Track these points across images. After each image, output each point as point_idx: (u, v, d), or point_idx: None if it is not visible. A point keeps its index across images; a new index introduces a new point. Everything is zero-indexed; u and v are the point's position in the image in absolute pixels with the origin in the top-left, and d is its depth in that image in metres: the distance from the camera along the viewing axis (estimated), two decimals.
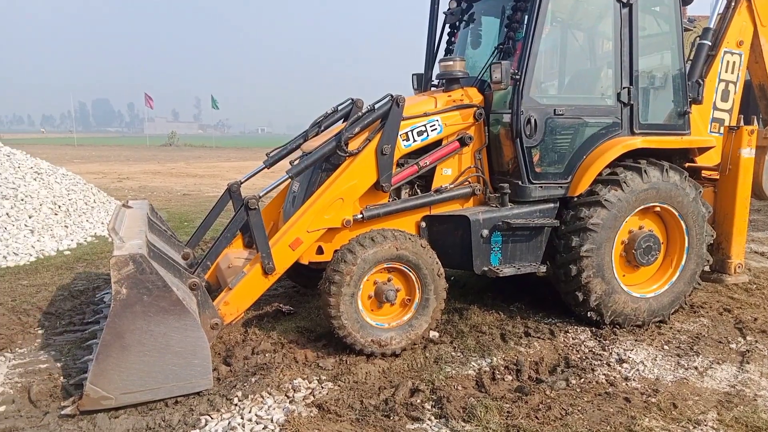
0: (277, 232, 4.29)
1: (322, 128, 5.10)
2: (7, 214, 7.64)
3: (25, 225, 7.65)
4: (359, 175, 4.36)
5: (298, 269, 4.87)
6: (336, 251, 4.18)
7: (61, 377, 3.76)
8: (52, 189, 8.99)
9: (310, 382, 3.73)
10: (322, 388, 3.67)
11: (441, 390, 3.60)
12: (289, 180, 4.62)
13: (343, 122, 4.89)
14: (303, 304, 5.28)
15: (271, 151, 5.13)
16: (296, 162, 4.58)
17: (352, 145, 4.38)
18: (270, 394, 3.55)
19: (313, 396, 3.56)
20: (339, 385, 3.71)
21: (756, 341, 4.48)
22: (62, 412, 3.28)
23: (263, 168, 5.12)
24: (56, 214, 8.33)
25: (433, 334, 4.48)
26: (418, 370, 3.96)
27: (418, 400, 3.49)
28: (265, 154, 5.17)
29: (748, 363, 4.10)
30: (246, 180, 5.13)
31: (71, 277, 6.20)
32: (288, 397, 3.54)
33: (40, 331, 4.61)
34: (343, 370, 3.91)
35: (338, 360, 4.06)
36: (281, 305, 5.18)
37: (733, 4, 5.55)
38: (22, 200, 8.13)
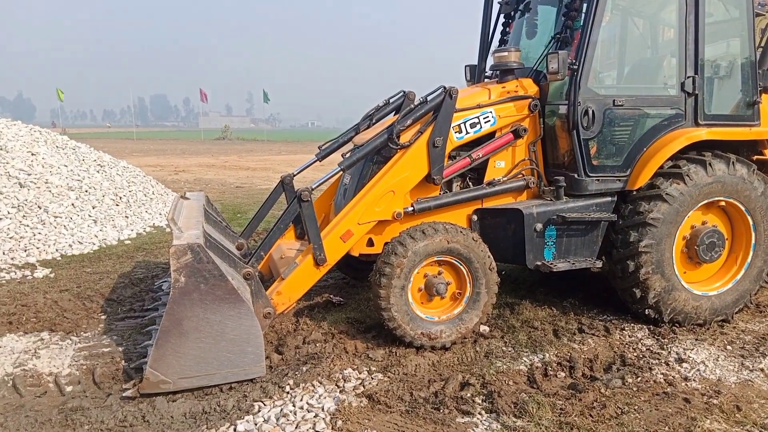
0: (329, 224, 4.33)
1: (374, 121, 5.10)
2: (73, 204, 8.01)
3: (89, 215, 8.00)
4: (411, 167, 4.34)
5: (348, 261, 4.91)
6: (387, 243, 4.18)
7: (123, 361, 3.92)
8: (114, 181, 9.37)
9: (360, 373, 3.76)
10: (372, 378, 3.69)
11: (492, 384, 3.56)
12: (341, 172, 4.65)
13: (395, 115, 4.88)
14: (353, 296, 5.32)
15: (323, 144, 5.18)
16: (348, 155, 4.60)
17: (404, 138, 4.37)
18: (321, 383, 3.59)
19: (363, 386, 3.58)
20: (389, 377, 3.71)
21: None
22: (124, 394, 3.42)
23: (315, 161, 5.18)
24: (117, 205, 8.69)
25: (484, 329, 4.43)
26: (468, 364, 3.93)
27: (469, 394, 3.46)
28: (318, 147, 5.22)
29: None
30: (298, 173, 5.21)
31: (131, 265, 6.45)
32: (338, 386, 3.57)
33: (103, 317, 4.82)
34: (393, 362, 3.91)
35: (388, 351, 4.07)
36: (332, 296, 5.23)
37: None
38: (87, 191, 8.50)
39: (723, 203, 4.51)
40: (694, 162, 4.40)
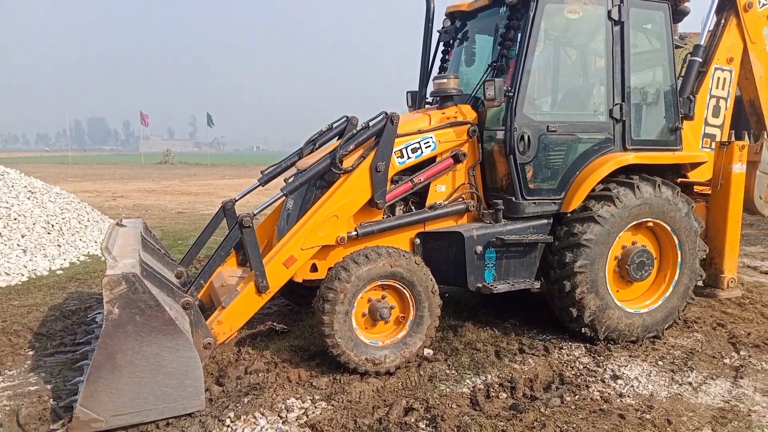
0: (272, 249, 4.28)
1: (317, 146, 5.12)
2: (0, 233, 7.60)
3: (18, 244, 7.61)
4: (354, 192, 4.36)
5: (292, 287, 4.86)
6: (330, 269, 4.17)
7: (51, 399, 3.71)
8: (46, 208, 8.95)
9: (303, 402, 3.69)
10: (316, 407, 3.63)
11: (435, 408, 3.57)
12: (284, 197, 4.62)
13: (338, 140, 4.91)
14: (297, 323, 5.25)
15: (266, 169, 5.15)
16: (291, 179, 4.59)
17: (347, 162, 4.40)
18: (263, 414, 3.51)
19: (307, 416, 3.52)
20: (332, 405, 3.67)
21: (749, 356, 4.47)
22: None
23: (258, 186, 5.13)
24: (49, 234, 8.29)
25: (428, 352, 4.45)
26: (412, 389, 3.93)
27: (413, 419, 3.45)
28: (260, 171, 5.18)
29: (742, 378, 4.08)
30: (240, 198, 5.15)
31: (63, 297, 6.15)
32: (281, 417, 3.50)
33: (30, 353, 4.56)
34: (337, 390, 3.87)
35: (332, 379, 4.02)
36: (275, 324, 5.14)
37: (723, 21, 5.62)
38: (16, 219, 8.09)
39: (651, 224, 4.73)
40: (623, 185, 4.61)
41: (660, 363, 4.37)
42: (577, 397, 3.79)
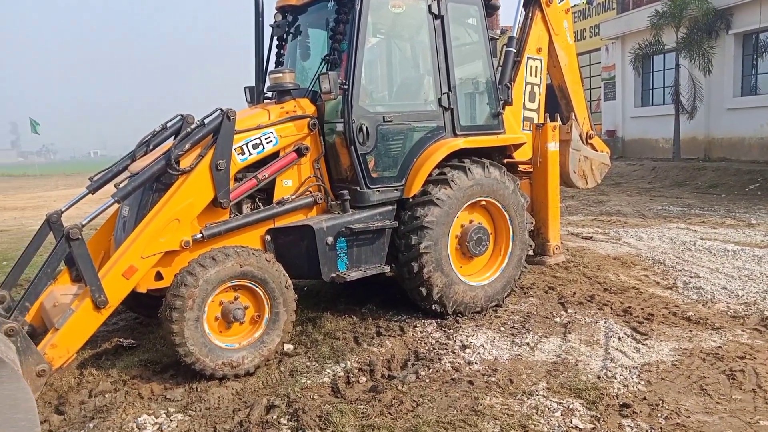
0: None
1: (151, 147, 4.82)
2: None
3: None
4: (195, 192, 4.21)
5: (140, 298, 4.58)
6: (176, 275, 3.99)
7: None
8: None
9: (157, 417, 3.51)
10: (171, 420, 3.48)
11: (297, 402, 3.59)
12: (117, 205, 4.32)
13: (174, 139, 4.69)
14: (146, 336, 4.95)
15: (95, 175, 4.75)
16: (123, 185, 4.30)
17: (184, 163, 4.23)
18: None
19: (161, 431, 3.36)
20: (190, 415, 3.54)
21: (575, 313, 5.05)
22: None
23: (87, 194, 4.72)
24: None
25: (288, 347, 4.45)
26: (273, 386, 3.91)
27: (274, 417, 3.44)
28: (88, 178, 4.78)
29: (570, 333, 4.60)
30: (68, 208, 4.68)
31: None
32: None
33: None
34: (194, 399, 3.74)
35: (188, 389, 3.87)
36: (121, 339, 4.81)
37: (530, 15, 6.21)
38: None
39: (484, 202, 5.13)
40: (456, 168, 4.94)
41: (502, 329, 4.77)
42: (430, 370, 4.02)
